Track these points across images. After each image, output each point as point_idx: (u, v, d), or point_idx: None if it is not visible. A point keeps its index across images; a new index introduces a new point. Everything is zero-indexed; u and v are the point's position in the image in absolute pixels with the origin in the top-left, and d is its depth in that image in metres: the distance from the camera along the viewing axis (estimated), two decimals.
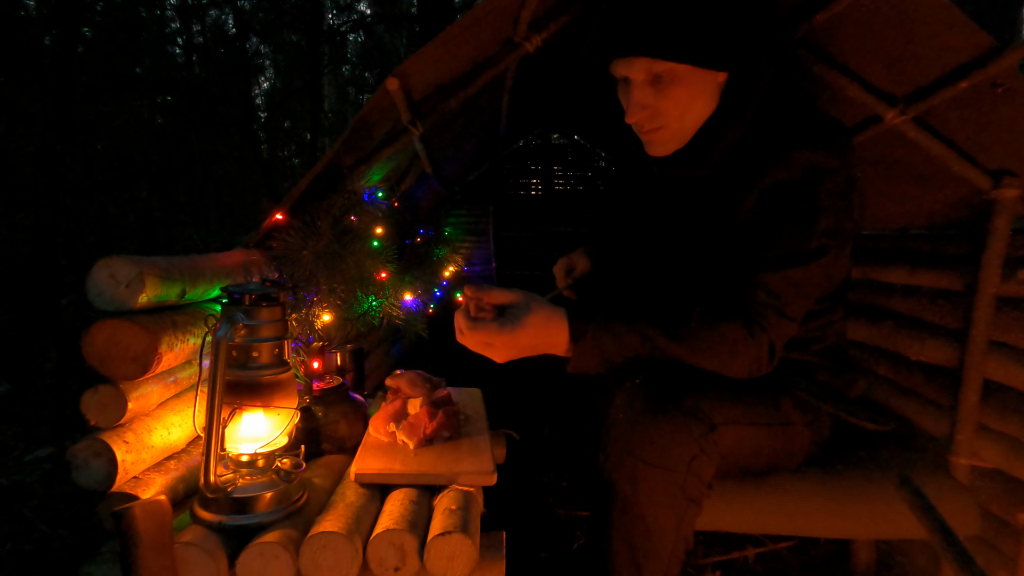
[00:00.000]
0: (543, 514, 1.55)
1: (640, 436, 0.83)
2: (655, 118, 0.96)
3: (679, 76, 0.92)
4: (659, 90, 0.94)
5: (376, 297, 1.35)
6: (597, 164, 4.03)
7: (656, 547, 0.82)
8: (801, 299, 0.92)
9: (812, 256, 0.90)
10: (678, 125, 0.97)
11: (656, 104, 0.94)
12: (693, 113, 0.96)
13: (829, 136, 0.91)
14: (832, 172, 0.89)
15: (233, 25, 8.63)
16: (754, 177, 0.93)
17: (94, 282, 0.82)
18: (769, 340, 0.89)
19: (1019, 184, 1.08)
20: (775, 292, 0.89)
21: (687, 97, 0.94)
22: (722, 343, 0.88)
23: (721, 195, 0.98)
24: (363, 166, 1.33)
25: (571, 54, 2.17)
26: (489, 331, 0.86)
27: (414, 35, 8.60)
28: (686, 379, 0.90)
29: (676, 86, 0.93)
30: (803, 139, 0.90)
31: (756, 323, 0.88)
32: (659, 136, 0.99)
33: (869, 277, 1.52)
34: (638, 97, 0.94)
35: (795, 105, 0.98)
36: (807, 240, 0.90)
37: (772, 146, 0.92)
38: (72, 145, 3.89)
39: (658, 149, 1.01)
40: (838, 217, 0.91)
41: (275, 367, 0.87)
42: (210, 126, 6.18)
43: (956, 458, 1.16)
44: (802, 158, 0.90)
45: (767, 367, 0.92)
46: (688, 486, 0.83)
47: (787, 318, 0.90)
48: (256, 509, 0.82)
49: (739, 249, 0.94)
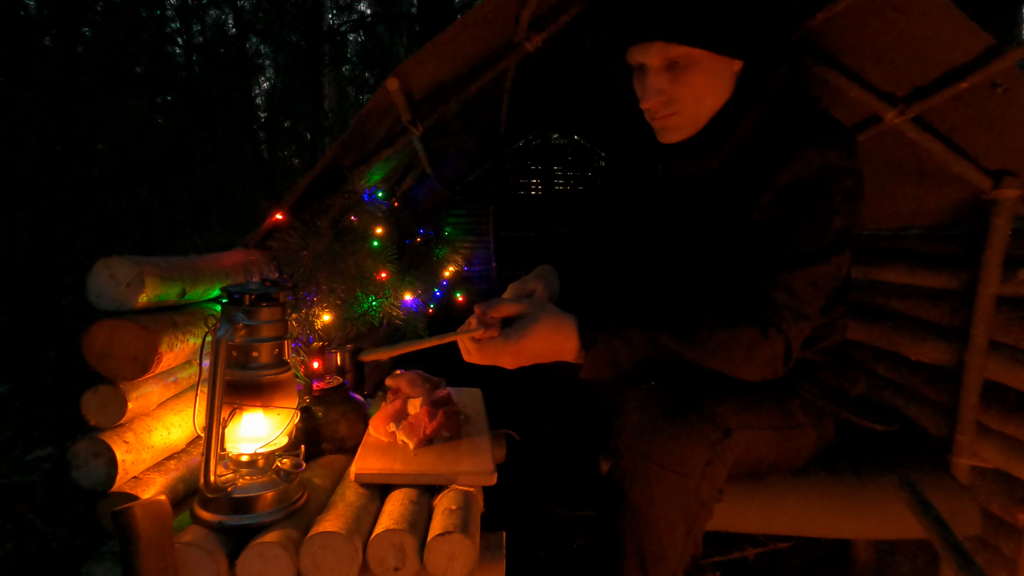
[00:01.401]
0: (543, 514, 1.55)
1: (656, 441, 0.82)
2: (670, 104, 0.96)
3: (695, 62, 0.92)
4: (674, 76, 0.94)
5: (376, 297, 1.35)
6: (597, 164, 4.03)
7: (666, 551, 0.81)
8: (818, 298, 0.91)
9: (828, 254, 0.89)
10: (693, 111, 0.96)
11: (671, 90, 0.94)
12: (708, 100, 0.96)
13: (841, 136, 0.91)
14: (845, 172, 0.90)
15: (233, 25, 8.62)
16: (767, 173, 0.92)
17: (94, 282, 0.82)
18: (786, 341, 0.88)
19: (1019, 184, 1.08)
20: (793, 291, 0.88)
21: (702, 83, 0.94)
22: (737, 346, 0.87)
23: (731, 191, 0.98)
24: (363, 166, 1.33)
25: (571, 54, 2.17)
26: (495, 347, 0.86)
27: (414, 35, 8.59)
28: (701, 382, 0.89)
29: (692, 72, 0.93)
30: (817, 138, 0.90)
31: (772, 324, 0.87)
32: (672, 121, 0.98)
33: (869, 277, 1.52)
34: (653, 82, 0.94)
35: (804, 104, 0.98)
36: (823, 238, 0.89)
37: (785, 143, 0.92)
38: (72, 145, 3.89)
39: (671, 135, 1.00)
40: (850, 217, 0.91)
41: (275, 367, 0.87)
42: (210, 126, 6.17)
43: (956, 458, 1.16)
44: (818, 156, 0.89)
45: (783, 369, 0.90)
46: (702, 491, 0.82)
47: (804, 318, 0.89)
48: (256, 509, 0.82)
49: (752, 247, 0.93)
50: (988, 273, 1.12)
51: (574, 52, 2.21)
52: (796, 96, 0.98)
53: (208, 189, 5.95)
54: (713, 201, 1.01)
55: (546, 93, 2.95)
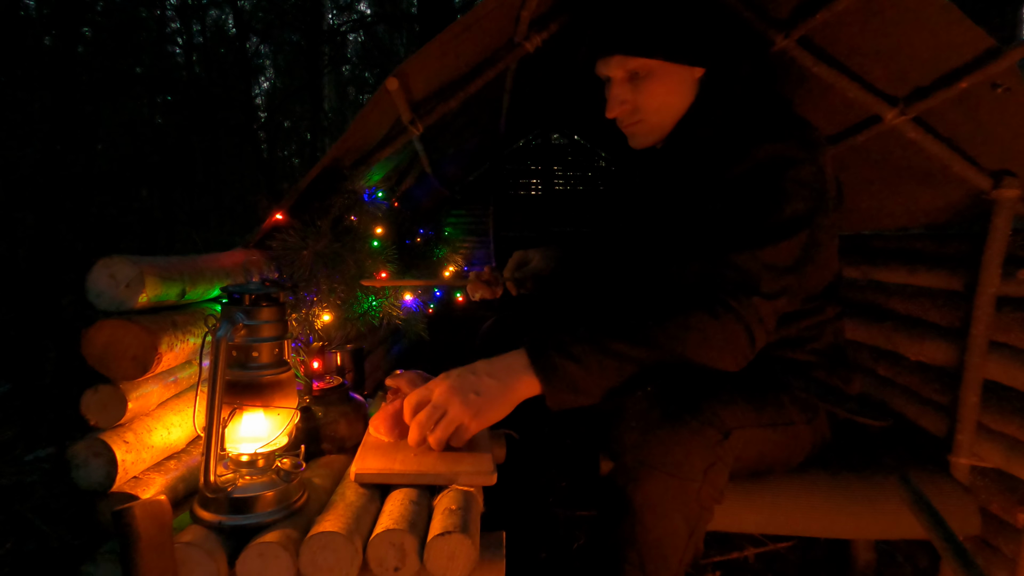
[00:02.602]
0: (543, 514, 1.55)
1: (657, 445, 0.82)
2: (635, 112, 1.02)
3: (653, 72, 0.98)
4: (636, 86, 1.00)
5: (376, 297, 1.35)
6: (597, 164, 4.03)
7: (667, 554, 0.81)
8: (774, 278, 0.88)
9: (780, 235, 0.88)
10: (657, 119, 1.02)
11: (634, 99, 1.01)
12: (670, 107, 1.01)
13: (795, 131, 0.93)
14: (797, 162, 0.91)
15: (233, 25, 8.64)
16: (725, 168, 0.95)
17: (94, 282, 0.82)
18: (742, 320, 0.86)
19: (1019, 184, 1.08)
20: (740, 268, 0.87)
21: (663, 91, 0.99)
22: (689, 331, 0.85)
23: (694, 190, 1.01)
24: (363, 166, 1.33)
25: (571, 54, 2.17)
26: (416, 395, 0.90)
27: (414, 35, 8.60)
28: (698, 383, 0.89)
29: (651, 81, 0.98)
30: (768, 134, 0.93)
31: (719, 302, 0.86)
32: (639, 129, 1.04)
33: (869, 277, 1.52)
34: (616, 93, 1.01)
35: (769, 105, 1.00)
36: (774, 219, 0.89)
37: (740, 142, 0.94)
38: (72, 145, 3.89)
39: (640, 141, 1.07)
40: (806, 203, 0.91)
41: (275, 367, 0.87)
42: (210, 126, 6.18)
43: (956, 458, 1.16)
44: (765, 149, 0.92)
45: (749, 351, 0.88)
46: (703, 494, 0.82)
47: (761, 295, 0.87)
48: (256, 509, 0.82)
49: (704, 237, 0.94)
50: (988, 273, 1.12)
51: (574, 52, 2.21)
52: (762, 97, 1.01)
53: (208, 189, 5.95)
54: (678, 200, 1.05)
55: (546, 93, 2.95)
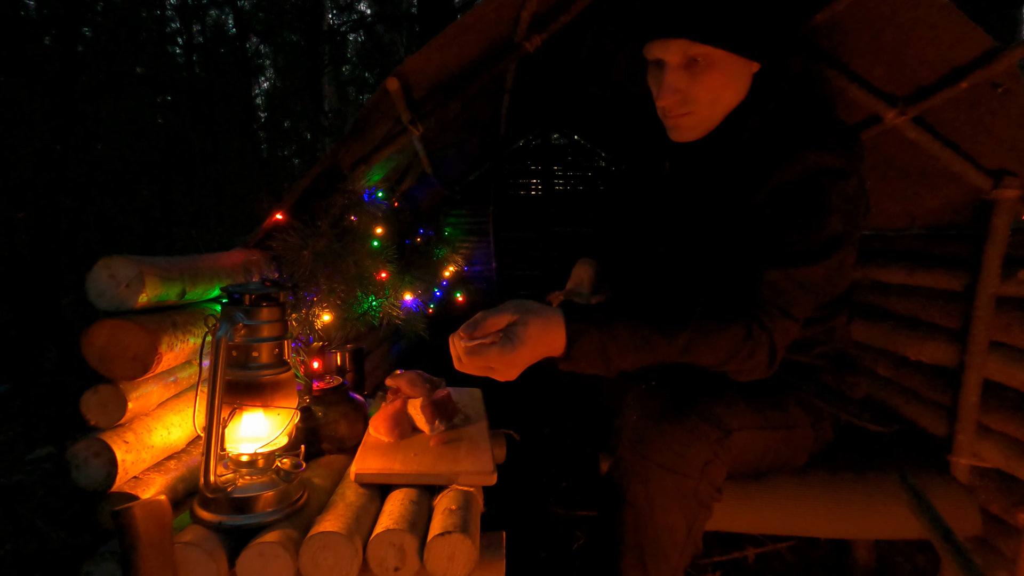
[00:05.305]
0: (543, 514, 1.55)
1: (655, 440, 0.82)
2: (686, 103, 0.94)
3: (715, 61, 0.91)
4: (693, 75, 0.92)
5: (376, 297, 1.35)
6: (597, 164, 4.03)
7: (666, 551, 0.81)
8: (806, 300, 0.89)
9: (820, 256, 0.88)
10: (708, 112, 0.95)
11: (689, 89, 0.93)
12: (723, 100, 0.95)
13: (844, 140, 0.90)
14: (845, 175, 0.88)
15: (233, 25, 8.64)
16: (766, 173, 0.92)
17: (94, 282, 0.82)
18: (770, 340, 0.86)
19: (1019, 184, 1.08)
20: (781, 290, 0.87)
21: (720, 83, 0.92)
22: (721, 342, 0.85)
23: (733, 188, 0.97)
24: (363, 166, 1.33)
25: (571, 54, 2.17)
26: (490, 356, 0.80)
27: (414, 35, 8.60)
28: (700, 383, 0.89)
29: (711, 71, 0.91)
30: (817, 140, 0.89)
31: (757, 321, 0.86)
32: (687, 121, 0.97)
33: (869, 277, 1.52)
34: (671, 80, 0.93)
35: (812, 106, 0.97)
36: (816, 239, 0.88)
37: (787, 143, 0.91)
38: (72, 145, 3.89)
39: (684, 135, 0.99)
40: (847, 221, 0.90)
41: (275, 367, 0.87)
42: (210, 126, 6.18)
43: (956, 458, 1.16)
44: (816, 158, 0.88)
45: (766, 369, 0.88)
46: (701, 491, 0.82)
47: (791, 318, 0.88)
48: (256, 509, 0.82)
49: (745, 245, 0.92)
50: (988, 273, 1.11)
51: (574, 52, 2.21)
52: (805, 97, 0.97)
53: (208, 189, 5.95)
54: (715, 198, 1.00)
55: (546, 93, 2.95)
